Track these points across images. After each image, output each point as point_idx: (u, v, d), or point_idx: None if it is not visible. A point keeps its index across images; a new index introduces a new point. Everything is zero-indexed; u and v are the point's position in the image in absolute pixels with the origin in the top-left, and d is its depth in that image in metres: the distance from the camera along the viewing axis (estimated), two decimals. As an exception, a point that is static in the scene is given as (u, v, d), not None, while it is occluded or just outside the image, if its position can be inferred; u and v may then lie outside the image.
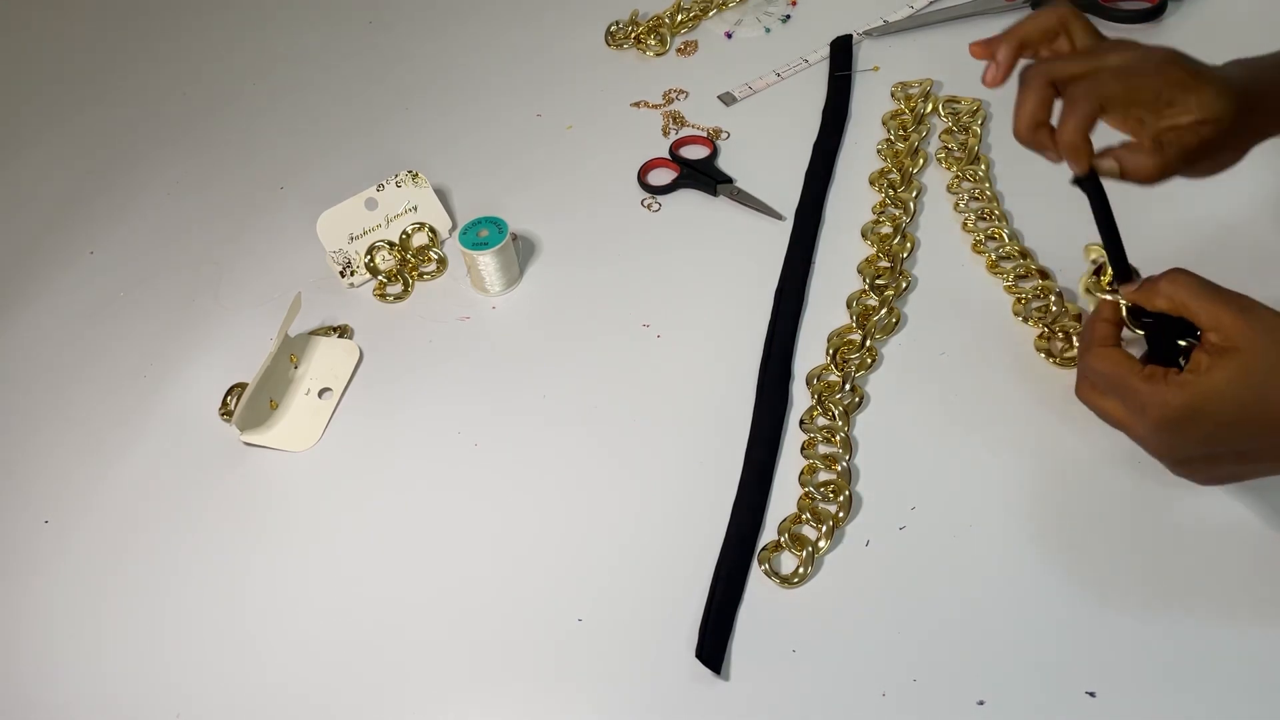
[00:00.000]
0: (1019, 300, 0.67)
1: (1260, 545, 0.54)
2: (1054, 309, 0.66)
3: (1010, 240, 0.71)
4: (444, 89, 0.95)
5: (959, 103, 0.82)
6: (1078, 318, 0.66)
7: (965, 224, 0.74)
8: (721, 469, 0.62)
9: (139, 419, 0.72)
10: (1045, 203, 0.74)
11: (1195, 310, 0.48)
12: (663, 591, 0.58)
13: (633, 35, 0.96)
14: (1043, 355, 0.64)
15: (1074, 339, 0.65)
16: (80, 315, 0.81)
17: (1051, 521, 0.57)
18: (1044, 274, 0.68)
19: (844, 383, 0.65)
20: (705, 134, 0.85)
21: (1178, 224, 0.69)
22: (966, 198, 0.75)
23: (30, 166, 0.96)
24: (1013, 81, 0.53)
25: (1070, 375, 0.63)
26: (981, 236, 0.72)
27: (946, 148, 0.79)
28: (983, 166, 0.77)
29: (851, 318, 0.69)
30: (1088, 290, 0.59)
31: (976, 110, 0.81)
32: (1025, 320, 0.66)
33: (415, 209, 0.80)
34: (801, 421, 0.64)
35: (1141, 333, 0.52)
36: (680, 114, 0.88)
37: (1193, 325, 0.49)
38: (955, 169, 0.77)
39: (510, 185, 0.84)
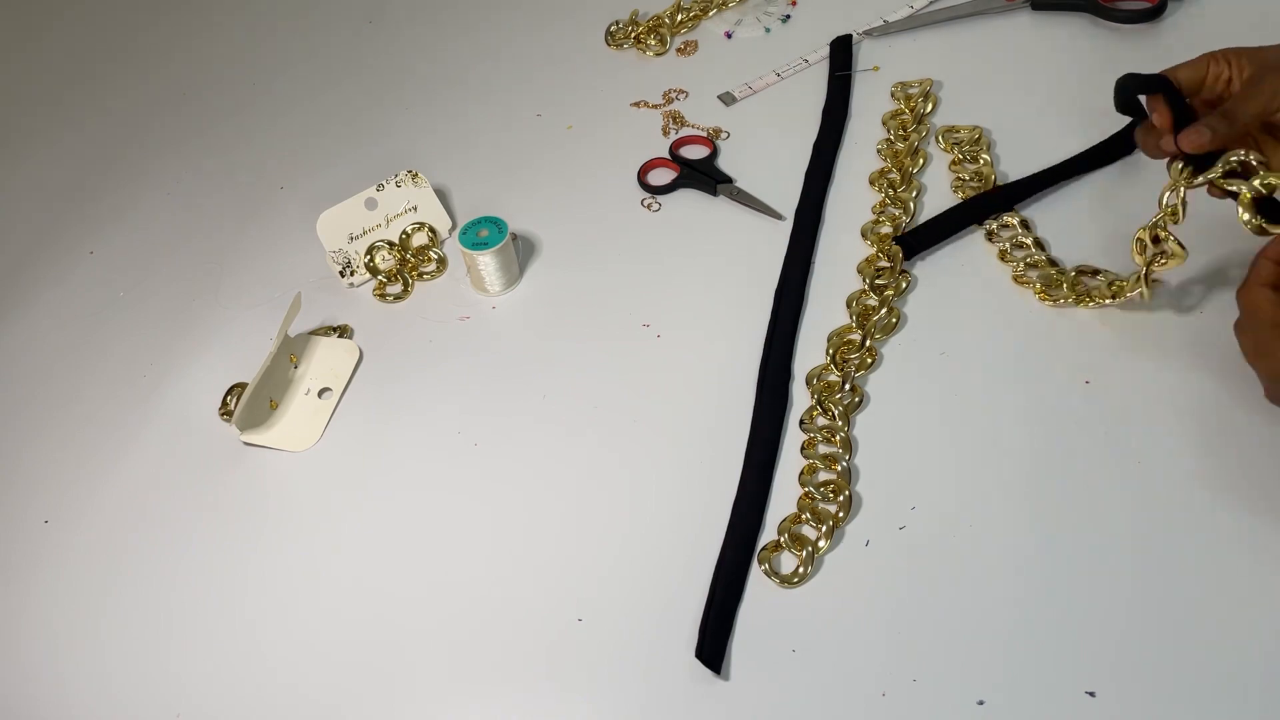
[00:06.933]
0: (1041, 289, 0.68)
1: (1263, 545, 0.54)
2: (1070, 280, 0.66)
3: (1023, 228, 0.71)
4: (444, 89, 0.95)
5: (958, 131, 0.79)
6: (1096, 273, 0.67)
7: (965, 224, 0.74)
8: (721, 469, 0.62)
9: (139, 419, 0.72)
10: (1049, 201, 0.74)
11: None
12: (663, 591, 0.58)
13: (633, 35, 0.96)
14: (1097, 300, 0.65)
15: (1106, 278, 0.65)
16: (80, 315, 0.81)
17: (1051, 521, 0.57)
18: (1053, 263, 0.69)
19: (844, 383, 0.65)
20: (705, 134, 0.85)
21: None
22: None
23: (30, 166, 0.96)
24: (1015, 91, 0.53)
25: (1072, 373, 0.63)
26: (994, 225, 0.72)
27: (960, 178, 0.76)
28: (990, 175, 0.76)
29: (851, 318, 0.69)
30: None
31: (979, 139, 0.78)
32: (1051, 301, 0.67)
33: (415, 209, 0.80)
34: (801, 421, 0.64)
35: None
36: (680, 114, 0.88)
37: None
38: (959, 184, 0.76)
39: (510, 185, 0.84)
